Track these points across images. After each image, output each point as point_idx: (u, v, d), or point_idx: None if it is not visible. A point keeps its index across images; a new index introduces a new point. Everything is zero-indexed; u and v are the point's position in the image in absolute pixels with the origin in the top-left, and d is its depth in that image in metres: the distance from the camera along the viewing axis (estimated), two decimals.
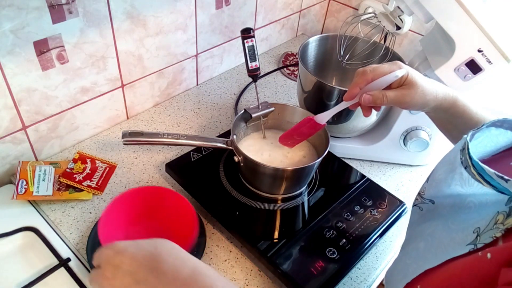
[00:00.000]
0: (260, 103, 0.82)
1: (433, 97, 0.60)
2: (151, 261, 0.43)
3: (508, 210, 0.38)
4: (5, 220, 0.71)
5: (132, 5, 0.83)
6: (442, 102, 0.60)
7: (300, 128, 0.73)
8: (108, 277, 0.43)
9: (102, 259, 0.45)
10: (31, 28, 0.70)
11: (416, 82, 0.59)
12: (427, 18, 0.76)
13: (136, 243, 0.46)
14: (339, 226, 0.73)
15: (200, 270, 0.44)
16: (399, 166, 0.95)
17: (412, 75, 0.59)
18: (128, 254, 0.44)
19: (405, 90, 0.59)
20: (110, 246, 0.46)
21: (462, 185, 0.44)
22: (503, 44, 0.71)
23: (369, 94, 0.59)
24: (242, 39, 0.76)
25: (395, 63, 0.60)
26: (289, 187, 0.77)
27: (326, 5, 1.39)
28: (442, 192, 0.48)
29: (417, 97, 0.59)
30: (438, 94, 0.60)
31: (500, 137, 0.49)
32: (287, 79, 1.19)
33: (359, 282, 0.71)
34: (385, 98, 0.59)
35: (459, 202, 0.45)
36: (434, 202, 0.51)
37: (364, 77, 0.60)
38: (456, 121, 0.62)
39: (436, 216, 0.49)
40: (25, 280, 0.64)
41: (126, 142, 0.74)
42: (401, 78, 0.59)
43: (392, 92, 0.59)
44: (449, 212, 0.47)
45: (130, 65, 0.91)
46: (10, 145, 0.79)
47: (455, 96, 0.61)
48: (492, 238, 0.37)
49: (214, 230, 0.76)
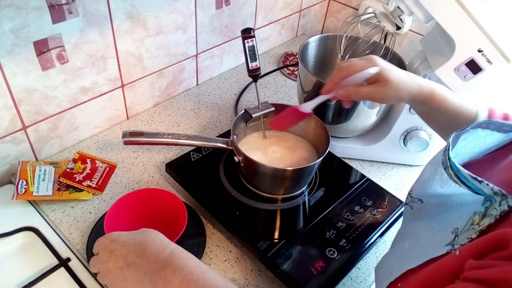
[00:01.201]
0: (260, 103, 0.81)
1: (406, 93, 0.61)
2: (138, 247, 0.52)
3: (484, 211, 0.38)
4: (5, 220, 0.71)
5: (132, 5, 0.83)
6: (417, 96, 0.62)
7: (287, 117, 0.74)
8: (104, 260, 0.52)
9: (99, 247, 0.54)
10: (31, 28, 0.70)
11: (390, 79, 0.61)
12: (427, 18, 0.76)
13: (128, 233, 0.55)
14: (339, 226, 0.73)
15: (175, 252, 0.52)
16: (399, 166, 0.95)
17: (387, 72, 0.61)
18: (120, 241, 0.53)
19: (378, 87, 0.61)
20: (106, 235, 0.55)
21: (441, 186, 0.45)
22: (503, 44, 0.71)
23: (345, 89, 0.62)
24: (243, 39, 0.76)
25: (370, 59, 0.62)
26: (289, 187, 0.77)
27: (326, 5, 1.39)
28: (426, 192, 0.49)
29: (390, 93, 0.61)
30: (411, 88, 0.61)
31: (488, 138, 0.49)
32: (287, 79, 1.19)
33: (359, 282, 0.71)
34: (359, 94, 0.62)
35: (443, 202, 0.46)
36: (423, 201, 0.51)
37: (340, 73, 0.63)
38: (435, 113, 0.63)
39: (424, 215, 0.50)
40: (25, 280, 0.64)
41: (126, 142, 0.74)
42: (376, 74, 0.61)
43: (366, 88, 0.62)
44: (434, 211, 0.47)
45: (130, 65, 0.91)
46: (10, 145, 0.79)
47: (431, 88, 0.62)
48: (468, 240, 0.38)
49: (214, 230, 0.76)
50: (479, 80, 0.75)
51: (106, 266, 0.51)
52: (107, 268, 0.51)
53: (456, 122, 0.61)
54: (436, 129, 0.68)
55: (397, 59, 0.90)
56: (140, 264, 0.50)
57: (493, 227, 0.36)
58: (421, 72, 0.83)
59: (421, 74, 0.83)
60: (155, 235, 0.54)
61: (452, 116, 0.61)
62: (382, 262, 0.54)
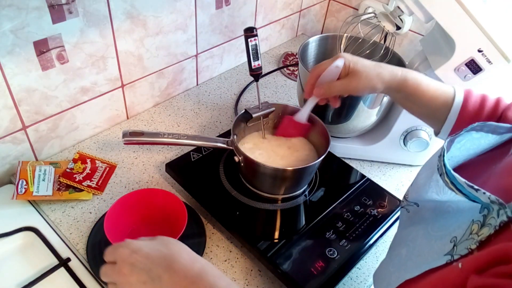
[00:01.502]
0: (261, 103, 0.81)
1: (378, 80, 0.64)
2: (164, 260, 0.47)
3: (482, 220, 0.38)
4: (5, 220, 0.71)
5: (132, 5, 0.83)
6: (390, 84, 0.64)
7: (286, 129, 0.78)
8: (125, 273, 0.46)
9: (117, 257, 0.48)
10: (31, 28, 0.70)
11: (359, 70, 0.64)
12: (427, 18, 0.76)
13: (149, 243, 0.49)
14: (339, 226, 0.73)
15: (206, 269, 0.47)
16: (399, 166, 0.95)
17: (355, 63, 0.64)
18: (143, 253, 0.47)
19: (349, 78, 0.65)
20: (124, 245, 0.48)
21: (437, 193, 0.45)
22: (503, 44, 0.71)
23: (319, 87, 0.67)
24: (246, 38, 0.76)
25: (337, 56, 0.65)
26: (289, 188, 0.77)
27: (326, 5, 1.39)
28: (421, 197, 0.49)
29: (362, 83, 0.64)
30: (384, 76, 0.63)
31: (482, 140, 0.49)
32: (287, 79, 1.19)
33: (359, 282, 0.71)
34: (332, 88, 0.66)
35: (440, 206, 0.46)
36: (419, 205, 0.51)
37: (312, 74, 0.68)
38: (411, 98, 0.65)
39: (420, 219, 0.49)
40: (25, 280, 0.64)
41: (126, 141, 0.74)
42: (345, 68, 0.64)
43: (338, 82, 0.66)
44: (431, 216, 0.47)
45: (130, 65, 0.91)
46: (10, 145, 0.79)
47: (404, 75, 0.64)
48: (467, 250, 0.37)
49: (214, 230, 0.76)
50: (479, 80, 0.75)
51: (127, 280, 0.47)
52: (127, 282, 0.47)
53: (434, 106, 0.63)
54: (416, 115, 0.69)
55: (397, 59, 0.90)
56: (167, 279, 0.46)
57: (493, 237, 0.36)
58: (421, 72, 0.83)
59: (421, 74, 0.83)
60: (180, 247, 0.50)
61: (428, 100, 0.63)
62: (380, 270, 0.54)
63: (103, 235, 0.64)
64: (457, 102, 0.60)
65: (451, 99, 0.61)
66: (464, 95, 0.61)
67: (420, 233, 0.47)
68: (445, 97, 0.62)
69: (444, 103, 0.61)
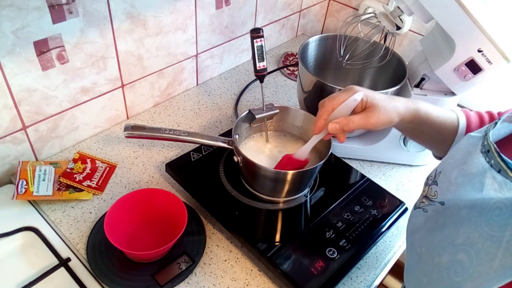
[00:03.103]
0: (265, 105, 0.81)
1: (396, 113, 0.61)
2: None
3: None
4: (5, 220, 0.71)
5: (132, 5, 0.83)
6: (405, 115, 0.62)
7: (285, 166, 0.74)
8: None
9: None
10: (31, 28, 0.70)
11: (377, 103, 0.61)
12: (427, 18, 0.76)
13: None
14: (339, 226, 0.73)
15: None
16: (399, 166, 0.95)
17: (372, 97, 0.61)
18: None
19: (369, 113, 0.61)
20: None
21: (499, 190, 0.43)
22: (503, 44, 0.71)
23: (335, 123, 0.61)
24: (252, 38, 0.76)
25: (351, 88, 0.62)
26: (290, 191, 0.76)
27: (326, 5, 1.39)
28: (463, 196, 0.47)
29: (382, 116, 0.60)
30: (399, 109, 0.62)
31: (502, 130, 0.49)
32: (287, 79, 1.19)
33: (359, 282, 0.71)
34: (351, 123, 0.60)
35: (480, 203, 0.44)
36: (444, 203, 0.50)
37: (325, 108, 0.62)
38: (422, 128, 0.64)
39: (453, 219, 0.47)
40: (25, 280, 0.64)
41: (128, 135, 0.75)
42: (362, 102, 0.61)
43: (357, 117, 0.61)
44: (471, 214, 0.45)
45: (130, 65, 0.91)
46: (10, 145, 0.79)
47: (416, 106, 0.63)
48: None
49: (214, 230, 0.76)
50: (479, 80, 0.75)
51: None
52: None
53: (442, 132, 0.63)
54: (424, 142, 0.69)
55: (397, 59, 0.90)
56: None
57: None
58: (421, 72, 0.83)
59: (421, 74, 0.83)
60: None
61: (437, 127, 0.63)
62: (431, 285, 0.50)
63: (103, 235, 0.64)
64: (461, 125, 0.63)
65: (456, 122, 0.63)
66: (465, 116, 0.63)
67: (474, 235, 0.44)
68: (451, 121, 0.63)
69: (450, 127, 0.63)
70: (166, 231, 0.71)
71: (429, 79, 0.82)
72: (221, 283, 0.69)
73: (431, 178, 0.55)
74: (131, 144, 0.92)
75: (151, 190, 0.73)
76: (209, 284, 0.68)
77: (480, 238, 0.43)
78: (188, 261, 0.68)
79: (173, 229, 0.68)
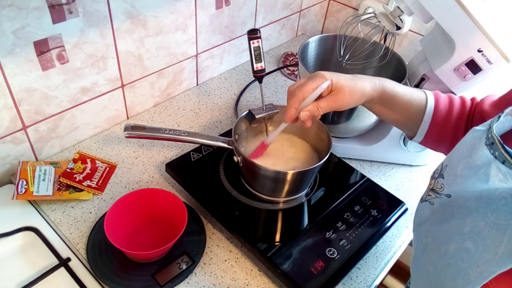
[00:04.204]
0: (265, 105, 0.81)
1: (361, 93, 0.64)
2: None
3: None
4: (5, 220, 0.71)
5: (132, 5, 0.83)
6: (372, 94, 0.65)
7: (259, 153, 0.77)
8: None
9: None
10: (31, 28, 0.70)
11: (342, 85, 0.63)
12: (427, 18, 0.76)
13: None
14: (339, 226, 0.73)
15: None
16: (399, 166, 0.95)
17: (337, 80, 0.63)
18: None
19: (334, 96, 0.64)
20: None
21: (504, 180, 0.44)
22: (503, 44, 0.71)
23: (306, 111, 0.64)
24: (249, 39, 0.76)
25: (317, 75, 0.64)
26: (291, 191, 0.76)
27: (326, 5, 1.39)
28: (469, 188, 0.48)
29: (347, 98, 0.63)
30: (365, 88, 0.64)
31: (506, 124, 0.50)
32: (287, 79, 1.19)
33: (359, 282, 0.71)
34: (319, 109, 0.64)
35: (486, 194, 0.45)
36: (451, 195, 0.50)
37: (296, 97, 0.64)
38: (390, 104, 0.66)
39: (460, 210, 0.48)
40: (25, 280, 0.64)
41: (128, 135, 0.75)
42: (328, 86, 0.63)
43: (324, 101, 0.64)
44: (478, 205, 0.46)
45: (130, 65, 0.91)
46: (10, 145, 0.79)
47: (382, 84, 0.65)
48: None
49: (214, 230, 0.76)
50: (479, 80, 0.75)
51: None
52: None
53: (410, 110, 0.65)
54: (392, 121, 0.70)
55: (397, 59, 0.90)
56: None
57: None
58: (421, 72, 0.83)
59: (421, 74, 0.83)
60: None
61: (404, 105, 0.65)
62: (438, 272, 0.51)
63: (103, 235, 0.64)
64: (430, 104, 0.64)
65: (424, 101, 0.65)
66: (434, 97, 0.65)
67: (480, 224, 0.45)
68: (418, 101, 0.65)
69: (418, 106, 0.65)
70: (166, 231, 0.71)
71: (429, 79, 0.82)
72: (221, 283, 0.69)
73: (437, 171, 0.55)
74: (131, 144, 0.92)
75: (151, 190, 0.73)
76: (209, 284, 0.68)
77: (486, 226, 0.44)
78: (188, 261, 0.68)
79: (173, 229, 0.68)
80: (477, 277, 0.43)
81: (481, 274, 0.43)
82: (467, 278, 0.45)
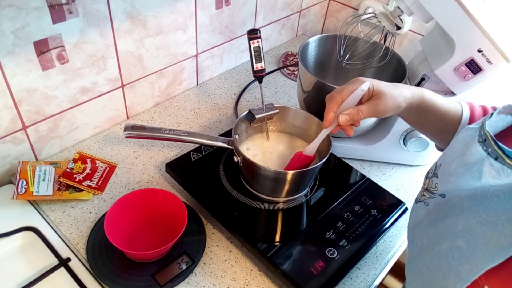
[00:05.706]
0: (265, 105, 0.81)
1: (402, 99, 0.62)
2: None
3: None
4: (5, 220, 0.71)
5: (132, 5, 0.83)
6: (412, 101, 0.63)
7: (295, 164, 0.74)
8: None
9: None
10: (31, 28, 0.70)
11: (383, 90, 0.61)
12: (427, 18, 0.76)
13: None
14: (339, 226, 0.73)
15: None
16: (399, 166, 0.95)
17: (378, 85, 0.62)
18: None
19: (376, 100, 0.62)
20: None
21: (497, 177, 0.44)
22: (503, 44, 0.71)
23: (345, 114, 0.62)
24: (249, 39, 0.76)
25: (357, 80, 0.63)
26: (291, 191, 0.76)
27: (326, 5, 1.39)
28: (459, 187, 0.48)
29: (389, 103, 0.61)
30: (405, 95, 0.62)
31: (500, 122, 0.50)
32: (287, 79, 1.19)
33: (359, 282, 0.71)
34: (360, 113, 0.61)
35: (480, 193, 0.45)
36: (445, 195, 0.50)
37: (334, 101, 0.63)
38: (427, 114, 0.64)
39: (454, 210, 0.48)
40: (25, 280, 0.64)
41: (128, 135, 0.75)
42: (368, 91, 0.62)
43: (365, 106, 0.62)
44: (472, 204, 0.46)
45: (130, 65, 0.91)
46: (10, 145, 0.79)
47: (421, 92, 0.64)
48: None
49: (214, 230, 0.76)
50: (479, 80, 0.75)
51: None
52: None
53: (445, 121, 0.64)
54: (427, 131, 0.69)
55: (397, 59, 0.90)
56: None
57: None
58: (421, 72, 0.83)
59: (421, 74, 0.83)
60: None
61: (442, 116, 0.64)
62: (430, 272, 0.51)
63: (103, 235, 0.64)
64: (465, 115, 0.63)
65: (460, 112, 0.63)
66: (469, 108, 0.64)
67: (472, 222, 0.45)
68: (455, 110, 0.63)
69: (454, 117, 0.63)
70: (166, 231, 0.71)
71: (429, 79, 0.82)
72: (221, 283, 0.69)
73: (431, 171, 0.56)
74: (131, 144, 0.92)
75: (151, 190, 0.73)
76: (209, 284, 0.68)
77: (478, 224, 0.44)
78: (188, 261, 0.68)
79: (173, 229, 0.68)
80: (467, 274, 0.44)
81: (471, 271, 0.43)
82: (458, 276, 0.45)
